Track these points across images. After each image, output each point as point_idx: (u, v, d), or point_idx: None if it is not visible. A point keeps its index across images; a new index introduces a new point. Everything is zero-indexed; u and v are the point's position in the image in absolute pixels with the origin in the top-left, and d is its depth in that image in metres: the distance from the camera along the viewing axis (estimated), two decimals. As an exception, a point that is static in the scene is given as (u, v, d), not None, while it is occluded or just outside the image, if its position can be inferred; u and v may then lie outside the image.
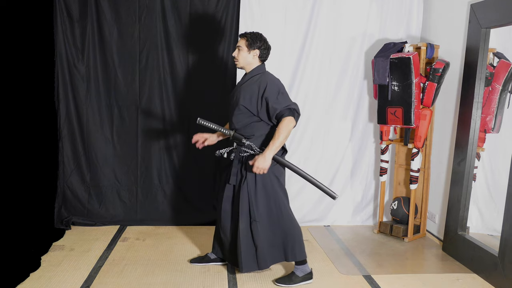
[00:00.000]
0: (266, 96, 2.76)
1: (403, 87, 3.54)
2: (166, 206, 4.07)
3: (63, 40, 3.80)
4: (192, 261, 3.23)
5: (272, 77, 2.88)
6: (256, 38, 2.87)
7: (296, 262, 2.97)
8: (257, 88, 2.81)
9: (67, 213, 3.92)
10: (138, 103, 3.96)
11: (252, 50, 2.87)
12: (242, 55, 2.89)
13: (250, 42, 2.86)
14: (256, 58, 2.90)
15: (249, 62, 2.90)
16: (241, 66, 2.93)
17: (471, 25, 3.36)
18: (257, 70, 2.91)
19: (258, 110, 2.82)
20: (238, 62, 2.92)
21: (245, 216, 2.87)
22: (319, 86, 4.01)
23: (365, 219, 4.23)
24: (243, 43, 2.88)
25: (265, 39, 2.91)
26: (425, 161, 3.84)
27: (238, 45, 2.91)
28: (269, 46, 2.93)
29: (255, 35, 2.88)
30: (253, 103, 2.82)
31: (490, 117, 3.34)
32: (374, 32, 4.00)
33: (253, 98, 2.81)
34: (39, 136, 3.69)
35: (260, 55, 2.89)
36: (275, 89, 2.78)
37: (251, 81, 2.88)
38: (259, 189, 2.85)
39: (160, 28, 3.90)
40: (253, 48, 2.87)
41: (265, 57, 2.93)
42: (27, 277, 2.91)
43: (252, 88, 2.83)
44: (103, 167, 3.99)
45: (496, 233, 3.20)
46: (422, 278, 3.08)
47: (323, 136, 4.08)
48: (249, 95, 2.83)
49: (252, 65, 2.91)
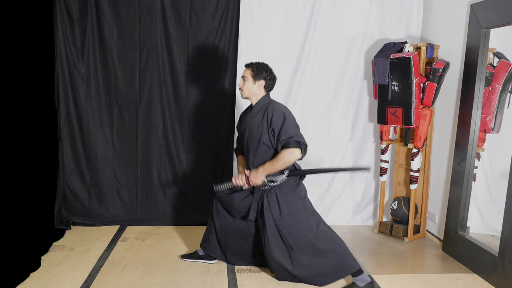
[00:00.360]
0: (273, 127, 2.79)
1: (403, 87, 3.54)
2: (166, 206, 4.07)
3: (63, 40, 3.80)
4: (183, 257, 3.27)
5: (278, 106, 2.85)
6: (262, 68, 2.87)
7: (352, 275, 2.87)
8: (266, 121, 2.82)
9: (67, 213, 3.92)
10: (138, 103, 3.96)
11: (257, 81, 2.86)
12: (247, 85, 2.88)
13: (255, 73, 2.85)
14: (262, 88, 2.88)
15: (254, 93, 2.89)
16: (246, 96, 2.92)
17: (471, 25, 3.36)
18: (263, 101, 2.90)
19: (271, 142, 2.83)
20: (243, 92, 2.91)
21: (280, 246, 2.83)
22: (319, 86, 4.01)
23: (365, 219, 4.23)
24: (249, 73, 2.87)
25: (270, 70, 2.91)
26: (425, 161, 3.84)
27: (243, 75, 2.90)
28: (275, 77, 2.92)
29: (261, 66, 2.88)
30: (266, 135, 2.83)
31: (490, 117, 3.34)
32: (374, 32, 4.00)
33: (265, 130, 2.82)
34: (39, 136, 3.69)
35: (265, 85, 2.88)
36: (281, 117, 2.78)
37: (259, 115, 2.86)
38: (286, 218, 2.83)
39: (160, 28, 3.89)
40: (258, 78, 2.86)
41: (271, 88, 2.92)
42: (27, 277, 2.91)
43: (263, 123, 2.83)
44: (103, 167, 3.98)
45: (496, 233, 3.20)
46: (422, 278, 3.08)
47: (323, 136, 4.08)
48: (262, 128, 2.83)
49: (258, 95, 2.90)
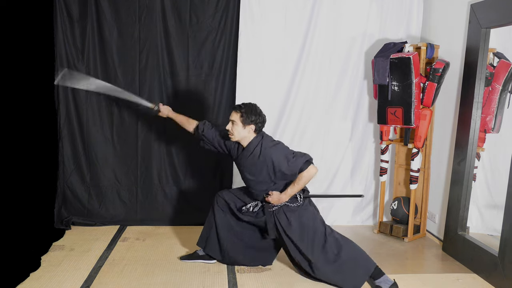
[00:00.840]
0: (279, 169, 2.79)
1: (403, 87, 3.54)
2: (166, 206, 4.06)
3: (63, 40, 3.80)
4: (182, 258, 3.26)
5: (272, 146, 2.85)
6: (251, 112, 2.81)
7: (374, 278, 2.88)
8: (265, 164, 2.81)
9: (67, 213, 3.92)
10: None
11: (247, 126, 2.82)
12: (236, 130, 2.84)
13: (244, 118, 2.80)
14: (252, 132, 2.85)
15: (244, 136, 2.86)
16: (236, 140, 2.89)
17: (471, 25, 3.36)
18: (255, 141, 2.87)
19: (272, 179, 2.86)
20: (233, 136, 2.86)
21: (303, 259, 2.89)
22: (319, 86, 4.00)
23: (365, 219, 4.23)
24: (237, 118, 2.82)
25: (259, 112, 2.85)
26: (425, 161, 3.84)
27: (231, 119, 2.84)
28: (264, 118, 2.88)
29: (249, 109, 2.82)
30: (265, 176, 2.84)
31: (490, 117, 3.34)
32: (374, 32, 4.00)
33: (263, 172, 2.83)
34: (39, 136, 3.69)
35: (255, 129, 2.85)
36: (282, 158, 2.79)
37: (255, 156, 2.85)
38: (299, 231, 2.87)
39: (160, 28, 3.89)
40: (248, 123, 2.82)
41: (261, 129, 2.89)
42: (27, 277, 2.91)
43: (259, 165, 2.83)
44: (103, 167, 3.98)
45: (496, 233, 3.19)
46: (422, 278, 3.08)
47: (323, 136, 4.08)
48: (258, 170, 2.84)
49: (248, 138, 2.87)
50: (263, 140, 2.87)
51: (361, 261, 2.88)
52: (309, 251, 2.85)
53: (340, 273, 2.85)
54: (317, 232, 2.88)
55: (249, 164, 2.89)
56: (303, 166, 2.77)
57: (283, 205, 2.89)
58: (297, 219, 2.88)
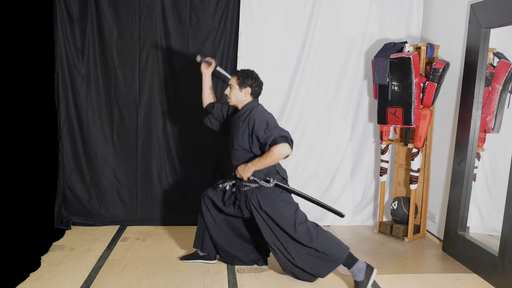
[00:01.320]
0: (256, 133, 2.82)
1: (403, 87, 3.54)
2: (166, 206, 4.06)
3: (63, 40, 3.80)
4: (183, 259, 3.26)
5: (260, 112, 2.89)
6: (247, 76, 2.91)
7: (347, 267, 2.89)
8: (247, 126, 2.87)
9: (67, 213, 3.92)
10: (138, 103, 3.96)
11: (243, 88, 2.91)
12: (233, 93, 2.94)
13: (241, 81, 2.90)
14: (248, 95, 2.93)
15: (240, 100, 2.95)
16: (233, 103, 2.98)
17: (471, 25, 3.36)
18: (249, 105, 2.94)
19: (250, 147, 2.88)
20: (230, 100, 2.97)
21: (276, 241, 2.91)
22: (319, 86, 4.00)
23: (365, 219, 4.23)
24: (234, 82, 2.92)
25: (256, 76, 2.95)
26: (425, 161, 3.84)
27: (229, 83, 2.96)
28: (261, 82, 2.97)
29: (246, 73, 2.92)
30: (245, 141, 2.88)
31: (490, 117, 3.34)
32: (374, 32, 4.00)
33: (245, 136, 2.88)
34: (39, 136, 3.69)
35: (252, 92, 2.92)
36: (263, 123, 2.81)
37: (241, 118, 2.91)
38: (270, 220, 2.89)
39: (160, 28, 3.89)
40: (244, 86, 2.91)
41: (258, 94, 2.96)
42: (27, 277, 2.91)
43: (243, 126, 2.88)
44: (103, 167, 3.98)
45: (496, 233, 3.20)
46: (422, 278, 3.08)
47: (323, 136, 4.08)
48: (241, 133, 2.89)
49: (244, 102, 2.95)
50: (257, 107, 2.94)
51: (332, 251, 2.87)
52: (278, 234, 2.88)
53: (308, 261, 2.87)
54: (286, 220, 2.87)
55: (235, 127, 2.93)
56: (277, 138, 2.73)
57: (256, 187, 2.90)
58: (268, 203, 2.88)
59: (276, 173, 2.95)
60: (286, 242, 2.88)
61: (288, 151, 2.76)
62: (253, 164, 2.83)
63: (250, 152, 2.90)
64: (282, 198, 2.93)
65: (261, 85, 2.96)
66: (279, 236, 2.89)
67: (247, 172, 2.84)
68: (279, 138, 2.75)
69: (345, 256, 2.87)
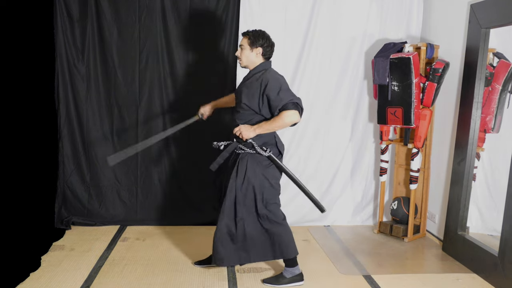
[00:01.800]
0: (267, 93, 2.72)
1: (403, 87, 3.54)
2: (166, 206, 4.06)
3: (63, 40, 3.80)
4: (196, 263, 3.21)
5: (274, 73, 2.81)
6: (259, 35, 2.83)
7: (286, 264, 2.95)
8: (259, 85, 2.76)
9: (67, 213, 3.92)
10: (138, 103, 3.96)
11: (254, 48, 2.83)
12: (245, 54, 2.85)
13: (252, 41, 2.82)
14: (260, 56, 2.85)
15: (252, 61, 2.86)
16: (244, 65, 2.89)
17: (471, 25, 3.36)
18: (261, 67, 2.86)
19: (260, 108, 2.78)
20: (241, 61, 2.88)
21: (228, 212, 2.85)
22: (319, 86, 4.01)
23: (365, 219, 4.23)
24: (245, 42, 2.84)
25: (268, 36, 2.86)
26: (425, 161, 3.84)
27: (240, 44, 2.87)
28: (273, 43, 2.88)
29: (257, 33, 2.84)
30: (255, 100, 2.78)
31: (490, 117, 3.34)
32: (374, 32, 4.00)
33: (255, 96, 2.77)
34: (39, 136, 3.69)
35: (263, 52, 2.84)
36: (277, 85, 2.72)
37: (253, 78, 2.83)
38: (245, 187, 2.83)
39: (160, 28, 3.90)
40: (255, 46, 2.82)
41: (269, 55, 2.88)
42: (27, 277, 2.91)
43: (254, 86, 2.79)
44: (103, 167, 3.98)
45: (496, 233, 3.19)
46: (422, 278, 3.08)
47: (323, 136, 4.08)
48: (251, 93, 2.79)
49: (256, 63, 2.87)
50: (270, 69, 2.87)
51: (285, 244, 2.87)
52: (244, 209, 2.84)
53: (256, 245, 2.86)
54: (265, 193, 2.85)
55: (245, 87, 2.85)
56: (288, 104, 2.68)
57: (251, 153, 2.83)
58: (255, 173, 2.82)
59: (274, 145, 2.90)
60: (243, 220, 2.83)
61: (297, 119, 2.71)
62: (259, 126, 2.75)
63: (257, 114, 2.81)
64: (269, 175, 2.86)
65: (273, 45, 2.88)
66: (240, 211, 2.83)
67: (250, 132, 2.76)
68: (290, 104, 2.68)
69: (293, 255, 2.91)
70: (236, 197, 2.84)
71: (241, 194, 2.83)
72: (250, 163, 2.83)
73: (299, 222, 4.08)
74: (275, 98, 2.70)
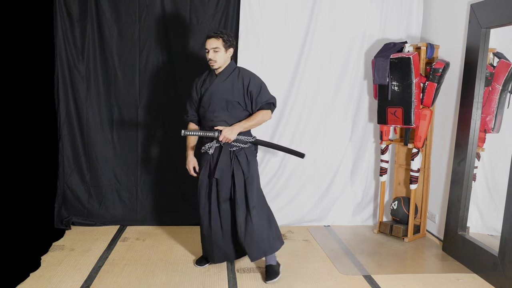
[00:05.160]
0: (251, 90, 2.90)
1: (403, 87, 3.54)
2: (166, 207, 4.07)
3: (63, 40, 3.80)
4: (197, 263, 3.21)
5: (251, 73, 2.99)
6: (230, 36, 2.94)
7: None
8: (242, 83, 2.92)
9: (67, 213, 3.92)
10: (138, 103, 3.96)
11: (228, 50, 2.94)
12: (219, 56, 2.90)
13: (226, 42, 2.91)
14: (229, 56, 2.97)
15: (225, 61, 2.96)
16: (217, 66, 2.94)
17: (471, 25, 3.36)
18: (231, 66, 2.99)
19: (246, 103, 2.94)
20: (216, 63, 2.90)
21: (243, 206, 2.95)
22: (319, 86, 4.00)
23: (365, 219, 4.23)
24: (221, 44, 2.89)
25: (233, 36, 3.03)
26: (425, 161, 3.84)
27: (214, 46, 2.87)
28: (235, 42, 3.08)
29: (229, 35, 2.95)
30: (241, 97, 2.92)
31: (490, 117, 3.34)
32: (374, 32, 4.00)
33: (241, 93, 2.92)
34: (39, 136, 3.69)
35: (232, 52, 2.98)
36: (258, 82, 2.93)
37: (232, 78, 2.94)
38: (251, 178, 2.96)
39: (160, 28, 3.90)
40: (229, 47, 2.94)
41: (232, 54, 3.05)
42: (27, 277, 2.91)
43: (237, 84, 2.92)
44: (103, 167, 3.99)
45: (496, 233, 3.20)
46: (422, 278, 3.08)
47: (323, 136, 4.08)
48: (237, 90, 2.92)
49: (227, 63, 2.98)
50: (241, 67, 3.03)
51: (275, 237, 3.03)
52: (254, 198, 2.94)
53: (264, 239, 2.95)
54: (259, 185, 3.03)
55: (225, 87, 2.93)
56: (266, 106, 2.93)
57: (244, 147, 2.96)
58: (254, 164, 3.00)
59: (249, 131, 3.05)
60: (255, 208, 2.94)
61: (270, 117, 2.97)
62: (240, 126, 2.89)
63: (245, 110, 2.95)
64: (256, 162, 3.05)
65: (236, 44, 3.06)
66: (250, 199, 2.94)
67: (232, 135, 2.85)
68: (267, 104, 2.93)
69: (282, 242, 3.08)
70: (245, 188, 2.95)
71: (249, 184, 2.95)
72: (249, 155, 2.99)
73: (299, 222, 4.09)
74: (258, 95, 2.90)
